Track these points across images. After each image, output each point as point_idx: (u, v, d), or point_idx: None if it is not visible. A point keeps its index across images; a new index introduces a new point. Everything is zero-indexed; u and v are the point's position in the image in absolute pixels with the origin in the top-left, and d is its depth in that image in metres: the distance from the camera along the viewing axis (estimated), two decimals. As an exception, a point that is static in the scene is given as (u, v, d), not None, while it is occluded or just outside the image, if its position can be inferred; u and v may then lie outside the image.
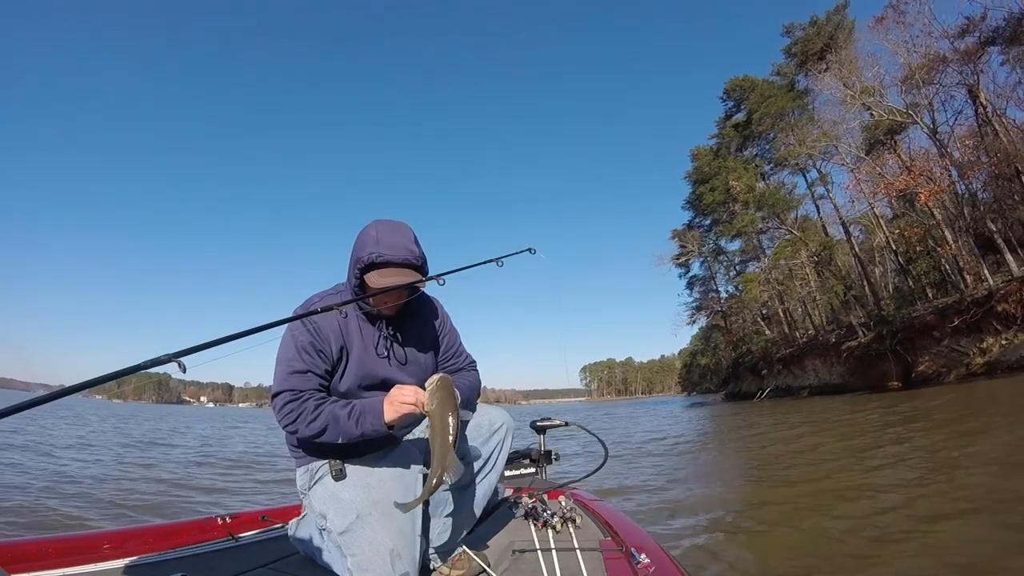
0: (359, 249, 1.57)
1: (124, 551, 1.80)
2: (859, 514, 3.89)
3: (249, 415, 49.63)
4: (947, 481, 4.66)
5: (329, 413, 1.47)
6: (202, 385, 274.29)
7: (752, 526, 4.09)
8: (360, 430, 1.46)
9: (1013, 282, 17.42)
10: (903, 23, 20.89)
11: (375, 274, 1.55)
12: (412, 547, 1.49)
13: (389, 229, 1.59)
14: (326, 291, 1.69)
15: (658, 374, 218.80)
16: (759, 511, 4.59)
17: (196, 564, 1.78)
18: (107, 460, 8.82)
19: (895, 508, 3.94)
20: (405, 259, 1.56)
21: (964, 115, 21.12)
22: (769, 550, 3.44)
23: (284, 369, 1.52)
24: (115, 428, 18.34)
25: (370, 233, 1.57)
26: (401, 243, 1.57)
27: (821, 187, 31.62)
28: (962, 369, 19.44)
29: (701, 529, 3.99)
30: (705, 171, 37.29)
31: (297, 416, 1.46)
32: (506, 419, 1.82)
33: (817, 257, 31.31)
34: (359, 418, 1.46)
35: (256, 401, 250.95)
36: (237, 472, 8.15)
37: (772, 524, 4.07)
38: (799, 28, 30.41)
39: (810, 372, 29.83)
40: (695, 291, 42.53)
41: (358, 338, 1.62)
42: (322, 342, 1.55)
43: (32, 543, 1.73)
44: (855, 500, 4.35)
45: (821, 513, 4.16)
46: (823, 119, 27.10)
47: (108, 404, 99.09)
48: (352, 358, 1.60)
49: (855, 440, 8.32)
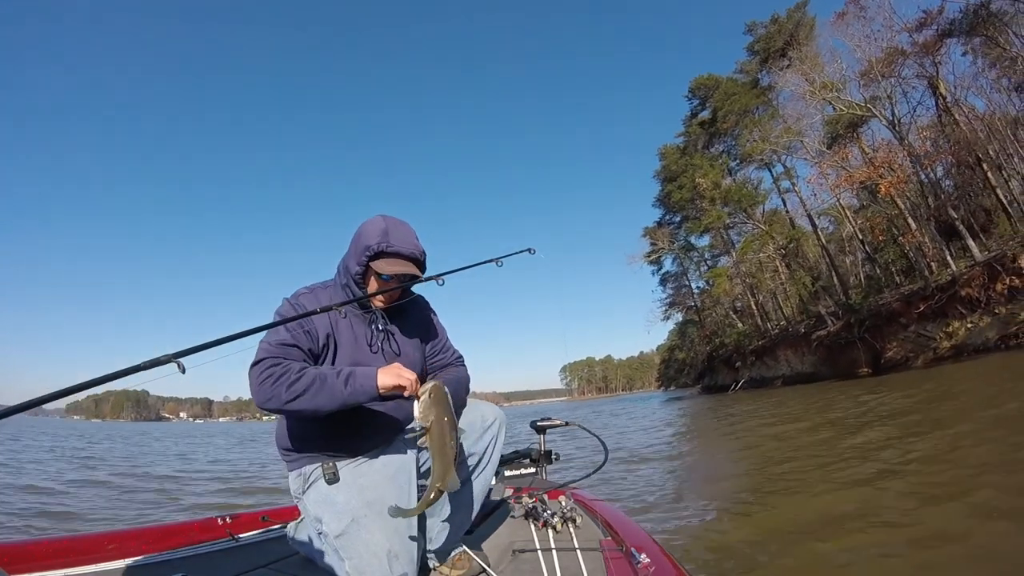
0: (367, 237, 1.60)
1: (125, 551, 1.80)
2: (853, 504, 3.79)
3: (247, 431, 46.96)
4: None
5: (316, 374, 1.42)
6: (181, 401, 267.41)
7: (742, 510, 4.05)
8: (349, 389, 1.42)
9: (976, 267, 17.97)
10: (864, 18, 21.46)
11: (383, 261, 1.59)
12: (409, 547, 1.49)
13: (398, 223, 1.65)
14: (315, 284, 1.70)
15: (637, 370, 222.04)
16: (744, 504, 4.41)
17: (197, 564, 1.79)
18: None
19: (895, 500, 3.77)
20: (412, 252, 1.62)
21: (925, 106, 21.82)
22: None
23: (266, 340, 1.48)
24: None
25: (379, 224, 1.61)
26: (409, 237, 1.64)
27: (787, 181, 32.34)
28: (929, 353, 19.97)
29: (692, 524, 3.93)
30: (673, 169, 37.86)
31: (278, 377, 1.40)
32: (498, 414, 1.81)
33: (784, 250, 31.96)
34: (348, 377, 1.43)
35: (236, 415, 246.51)
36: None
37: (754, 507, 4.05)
38: (761, 26, 31.04)
39: (782, 362, 30.38)
40: (668, 287, 43.24)
41: (348, 332, 1.62)
42: (309, 325, 1.53)
43: (32, 543, 1.72)
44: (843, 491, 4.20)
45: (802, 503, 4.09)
46: (787, 114, 27.71)
47: (86, 424, 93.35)
48: (341, 351, 1.60)
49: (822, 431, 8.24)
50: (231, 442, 21.16)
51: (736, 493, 4.67)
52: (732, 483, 5.27)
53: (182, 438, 26.20)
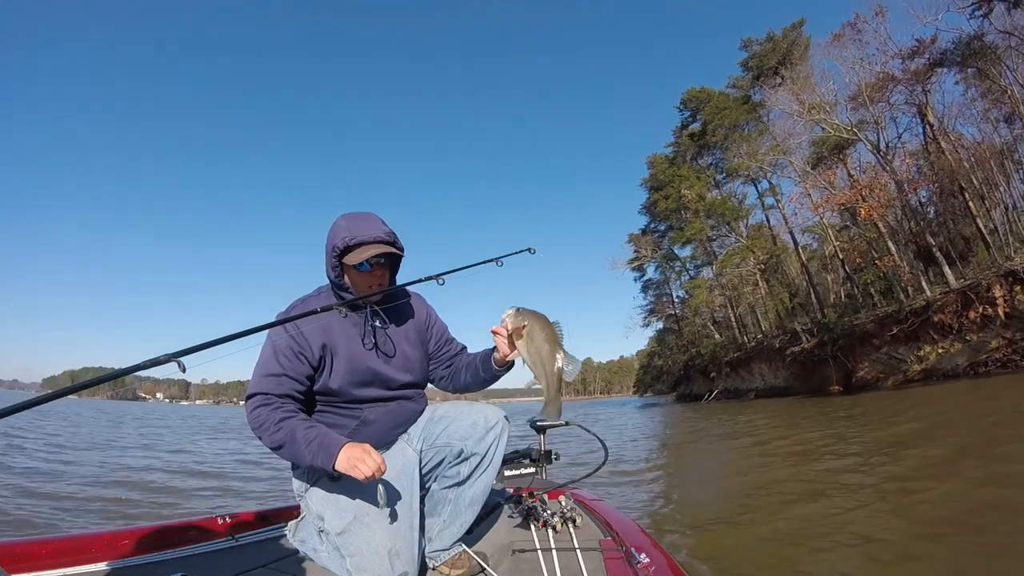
0: (332, 238, 1.62)
1: (125, 551, 1.81)
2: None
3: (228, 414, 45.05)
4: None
5: (289, 431, 1.47)
6: (158, 381, 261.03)
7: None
8: (311, 461, 1.45)
9: (950, 294, 18.39)
10: (860, 41, 21.81)
11: (353, 254, 1.59)
12: (410, 546, 1.50)
13: (358, 215, 1.67)
14: (308, 295, 1.73)
15: (616, 374, 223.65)
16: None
17: (196, 564, 1.80)
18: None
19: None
20: (377, 236, 1.61)
21: (912, 132, 22.28)
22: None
23: (259, 372, 1.55)
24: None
25: (339, 223, 1.63)
26: (373, 223, 1.64)
27: (771, 197, 32.83)
28: (900, 376, 20.44)
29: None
30: (660, 178, 38.34)
31: (261, 423, 1.48)
32: (501, 416, 1.80)
33: (764, 265, 32.42)
34: (315, 450, 1.44)
35: (213, 398, 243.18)
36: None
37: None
38: (756, 43, 31.39)
39: (756, 375, 30.82)
40: (649, 294, 43.52)
41: (343, 335, 1.63)
42: (301, 345, 1.55)
43: (32, 543, 1.72)
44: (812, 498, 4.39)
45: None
46: (776, 132, 28.06)
47: (63, 401, 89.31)
48: (339, 356, 1.61)
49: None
50: (213, 432, 19.94)
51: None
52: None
53: (156, 423, 25.15)
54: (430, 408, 1.82)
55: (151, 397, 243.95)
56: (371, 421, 1.65)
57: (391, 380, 1.69)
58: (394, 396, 1.71)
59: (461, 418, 1.73)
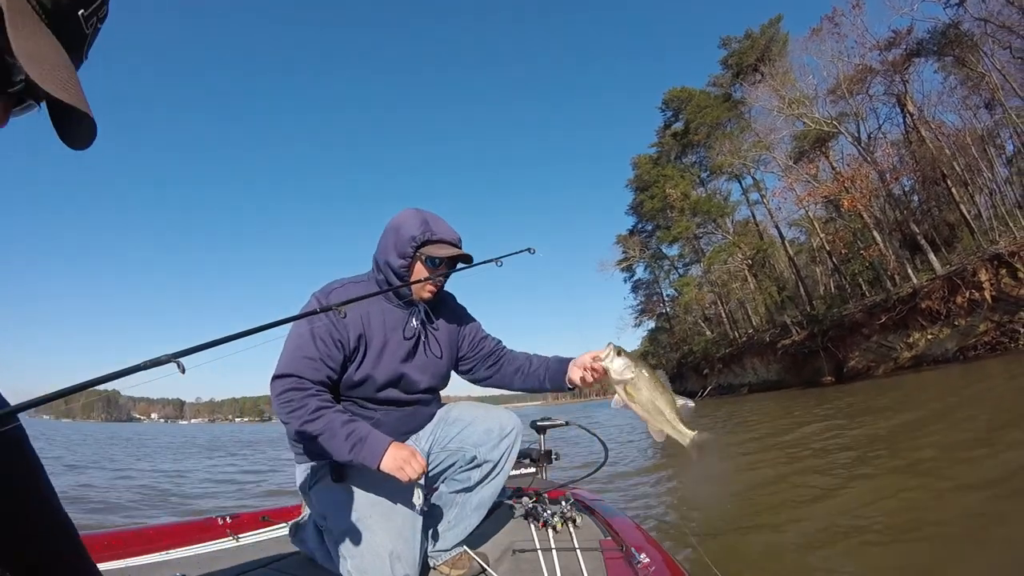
0: (410, 228, 1.60)
1: (125, 551, 1.79)
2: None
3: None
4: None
5: (327, 422, 1.43)
6: (152, 401, 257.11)
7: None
8: (349, 457, 1.42)
9: (936, 280, 18.59)
10: (838, 34, 22.08)
11: (433, 247, 1.60)
12: (412, 549, 1.48)
13: (432, 215, 1.67)
14: (347, 279, 1.69)
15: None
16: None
17: (197, 564, 1.78)
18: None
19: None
20: (455, 238, 1.66)
21: (893, 121, 22.56)
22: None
23: (294, 351, 1.49)
24: None
25: (417, 215, 1.63)
26: (448, 228, 1.67)
27: (756, 193, 33.09)
28: (890, 363, 20.61)
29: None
30: (645, 179, 38.52)
31: (295, 409, 1.43)
32: (516, 423, 1.78)
33: (751, 260, 32.64)
34: (357, 446, 1.41)
35: (208, 416, 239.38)
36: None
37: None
38: (735, 41, 31.72)
39: (749, 370, 30.95)
40: (640, 294, 43.58)
41: (380, 329, 1.60)
42: (340, 332, 1.52)
43: None
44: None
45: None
46: (757, 128, 28.33)
47: (54, 424, 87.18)
48: (372, 350, 1.59)
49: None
50: (213, 452, 19.60)
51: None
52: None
53: (148, 443, 24.49)
54: (443, 408, 1.80)
55: (145, 418, 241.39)
56: (384, 423, 1.61)
57: (414, 384, 1.66)
58: (411, 400, 1.69)
59: (476, 423, 1.70)
